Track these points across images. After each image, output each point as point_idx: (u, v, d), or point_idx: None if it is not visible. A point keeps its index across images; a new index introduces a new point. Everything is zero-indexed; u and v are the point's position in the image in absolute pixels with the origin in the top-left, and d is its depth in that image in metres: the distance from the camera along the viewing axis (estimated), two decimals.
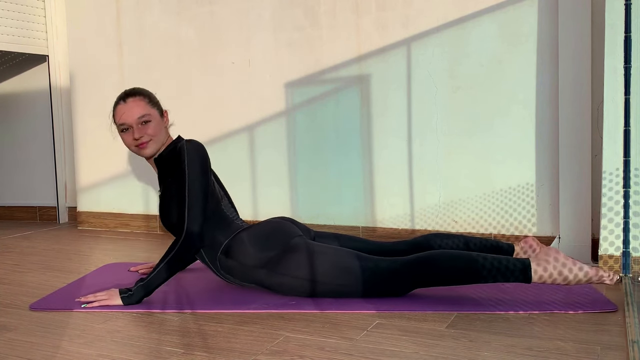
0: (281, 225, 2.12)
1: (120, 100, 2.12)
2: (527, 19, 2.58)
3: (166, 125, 2.16)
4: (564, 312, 1.81)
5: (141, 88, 2.17)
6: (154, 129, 2.08)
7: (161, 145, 2.12)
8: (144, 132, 2.07)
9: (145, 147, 2.08)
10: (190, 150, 2.06)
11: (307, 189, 3.11)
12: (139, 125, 2.07)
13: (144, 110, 2.08)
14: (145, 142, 2.08)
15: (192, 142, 2.09)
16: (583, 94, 2.44)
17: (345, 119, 2.98)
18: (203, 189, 2.04)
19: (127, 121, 2.07)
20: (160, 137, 2.11)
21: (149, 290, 2.00)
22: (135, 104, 2.08)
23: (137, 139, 2.07)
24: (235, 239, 2.08)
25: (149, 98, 2.13)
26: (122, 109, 2.09)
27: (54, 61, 3.91)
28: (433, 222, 2.84)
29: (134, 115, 2.07)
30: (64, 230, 3.71)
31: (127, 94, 2.13)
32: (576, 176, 2.47)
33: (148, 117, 2.08)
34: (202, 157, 2.07)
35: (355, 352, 1.56)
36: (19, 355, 1.62)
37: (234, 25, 3.23)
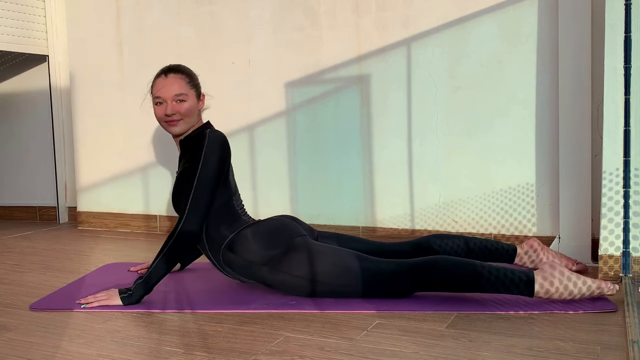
0: (285, 223, 2.12)
1: (161, 74, 2.14)
2: (527, 19, 2.58)
3: (200, 109, 2.16)
4: (564, 312, 1.81)
5: (185, 66, 2.18)
6: (187, 109, 2.09)
7: (190, 127, 2.13)
8: (176, 109, 2.08)
9: (175, 124, 2.10)
10: (211, 141, 2.06)
11: (307, 189, 3.11)
12: (174, 102, 2.08)
13: (181, 89, 2.09)
14: (175, 120, 2.09)
15: (215, 134, 2.09)
16: (583, 94, 2.44)
17: (345, 119, 2.98)
18: (212, 183, 2.04)
19: (163, 95, 2.09)
20: (192, 119, 2.12)
21: (148, 287, 2.00)
22: (174, 81, 2.10)
23: (168, 115, 2.08)
24: (239, 234, 2.08)
25: (190, 78, 2.14)
26: (161, 83, 2.11)
27: (54, 61, 3.91)
28: (433, 222, 2.84)
29: (171, 91, 2.08)
30: (64, 230, 3.71)
31: (170, 68, 2.14)
32: (576, 176, 2.47)
33: (184, 96, 2.09)
34: (222, 151, 2.07)
35: (355, 352, 1.56)
36: (19, 355, 1.62)
37: (234, 25, 3.23)
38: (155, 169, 3.49)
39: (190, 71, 2.19)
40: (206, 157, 2.04)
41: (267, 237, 2.06)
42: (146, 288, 2.00)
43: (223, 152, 2.08)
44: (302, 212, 3.10)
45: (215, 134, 2.09)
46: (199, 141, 2.08)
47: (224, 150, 2.09)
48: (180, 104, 2.09)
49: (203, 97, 2.19)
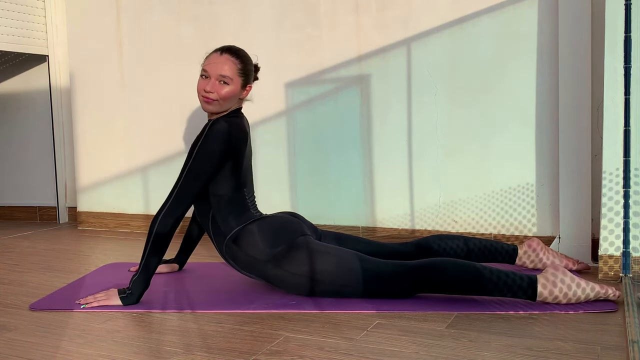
0: (290, 221, 2.12)
1: (218, 50, 2.13)
2: (527, 19, 2.58)
3: (242, 97, 2.15)
4: (564, 312, 1.81)
5: (245, 53, 2.15)
6: (226, 93, 2.07)
7: (223, 110, 2.11)
8: (216, 89, 2.06)
9: (209, 102, 2.07)
10: (209, 133, 2.01)
11: (307, 189, 3.11)
12: (217, 81, 2.06)
13: (229, 72, 2.07)
14: (211, 98, 2.07)
15: (217, 127, 2.02)
16: (583, 94, 2.44)
17: (345, 119, 2.98)
18: (202, 178, 2.01)
19: (210, 71, 2.08)
20: (227, 104, 2.10)
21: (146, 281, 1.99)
22: (226, 61, 2.08)
23: (207, 91, 2.07)
24: (245, 229, 2.07)
25: (244, 65, 2.11)
26: (214, 59, 2.10)
27: (54, 61, 3.91)
28: (433, 222, 2.84)
29: (218, 70, 2.07)
30: (64, 230, 3.71)
31: (229, 48, 2.13)
32: (576, 176, 2.47)
33: (229, 80, 2.07)
34: (219, 144, 2.00)
35: (355, 352, 1.56)
36: (19, 355, 1.62)
37: (234, 25, 3.23)
38: (155, 169, 3.49)
39: (247, 59, 2.14)
40: (200, 148, 2.01)
41: (271, 234, 2.06)
42: (144, 282, 2.00)
43: (222, 145, 2.01)
44: (302, 212, 3.09)
45: (217, 127, 2.01)
46: (206, 127, 2.05)
47: (224, 142, 2.01)
48: (222, 86, 2.06)
49: (249, 88, 2.15)
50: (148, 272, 1.99)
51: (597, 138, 2.44)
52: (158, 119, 3.47)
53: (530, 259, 2.26)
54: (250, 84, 2.16)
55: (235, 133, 2.06)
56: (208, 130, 2.02)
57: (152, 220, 2.00)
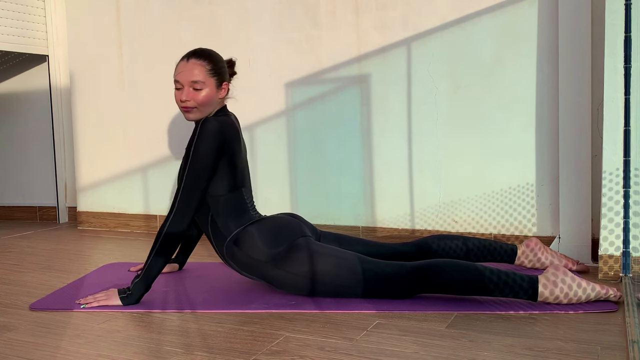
0: (290, 222, 2.12)
1: (184, 57, 2.09)
2: (527, 19, 2.58)
3: (221, 97, 2.12)
4: (564, 312, 1.81)
5: (211, 51, 2.12)
6: (203, 98, 2.05)
7: (207, 115, 2.09)
8: (191, 97, 2.04)
9: (188, 111, 2.06)
10: (201, 132, 2.00)
11: (307, 189, 3.11)
12: (190, 89, 2.04)
13: (199, 77, 2.04)
14: (189, 107, 2.05)
15: (208, 125, 2.01)
16: (583, 94, 2.44)
17: (345, 119, 2.98)
18: (202, 175, 2.00)
19: (181, 80, 2.06)
20: (207, 108, 2.08)
21: (147, 285, 2.00)
22: (194, 67, 2.05)
23: (183, 100, 2.05)
24: (245, 230, 2.07)
25: (213, 65, 2.08)
26: (181, 67, 2.07)
27: (54, 61, 3.91)
28: (433, 222, 2.84)
29: (188, 77, 2.04)
30: (64, 230, 3.71)
31: (194, 52, 2.09)
32: (576, 176, 2.47)
33: (201, 85, 2.04)
34: (214, 140, 1.99)
35: (355, 352, 1.56)
36: (19, 355, 1.62)
37: (234, 25, 3.23)
38: (155, 168, 3.49)
39: (215, 58, 2.10)
40: (195, 149, 1.99)
41: (271, 236, 2.06)
42: (145, 286, 2.00)
43: (215, 141, 2.00)
44: (302, 212, 3.10)
45: (207, 126, 2.00)
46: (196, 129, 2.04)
47: (217, 139, 2.00)
48: (197, 92, 2.04)
49: (226, 85, 2.13)
50: (150, 276, 1.99)
51: (597, 138, 2.44)
52: (158, 119, 3.47)
53: (529, 259, 2.26)
54: (226, 82, 2.13)
55: (226, 130, 2.05)
56: (200, 131, 2.00)
57: (161, 226, 2.00)
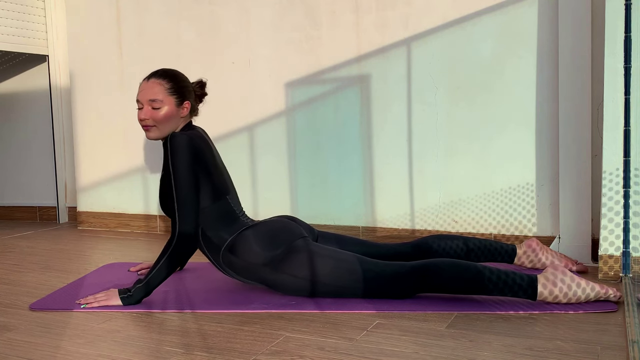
0: (286, 224, 2.12)
1: (146, 77, 2.11)
2: (527, 19, 2.58)
3: (182, 116, 2.11)
4: (564, 312, 1.81)
5: (174, 71, 2.13)
6: (161, 117, 2.06)
7: (168, 134, 2.08)
8: (150, 115, 2.05)
9: (147, 130, 2.08)
10: (172, 146, 2.00)
11: (307, 189, 3.11)
12: (149, 107, 2.06)
13: (157, 95, 2.05)
14: (148, 125, 2.07)
15: (176, 138, 2.01)
16: (583, 94, 2.44)
17: (345, 119, 2.98)
18: (190, 185, 2.00)
19: (140, 99, 2.08)
20: (167, 127, 2.08)
21: (148, 290, 2.01)
22: (153, 86, 2.07)
23: (141, 119, 2.06)
24: (240, 236, 2.07)
25: (173, 84, 2.08)
26: (141, 86, 2.09)
27: (54, 61, 3.91)
28: (433, 222, 2.84)
29: (147, 96, 2.06)
30: (64, 230, 3.71)
31: (156, 72, 2.11)
32: (576, 176, 2.47)
33: (159, 103, 2.05)
34: (186, 153, 2.00)
35: (355, 352, 1.56)
36: (19, 355, 1.62)
37: (234, 25, 3.23)
38: (155, 168, 3.49)
39: (176, 77, 2.11)
40: (173, 163, 2.00)
41: (268, 239, 2.06)
42: (146, 291, 2.01)
43: (188, 153, 2.00)
44: (302, 212, 3.10)
45: (176, 138, 2.01)
46: (166, 148, 2.05)
47: (189, 151, 2.00)
48: (155, 111, 2.05)
49: (187, 104, 2.11)
50: (152, 285, 2.00)
51: (597, 138, 2.44)
52: None
53: (530, 259, 2.26)
54: (188, 101, 2.12)
55: (195, 141, 2.05)
56: (170, 147, 2.00)
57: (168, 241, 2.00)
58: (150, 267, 2.01)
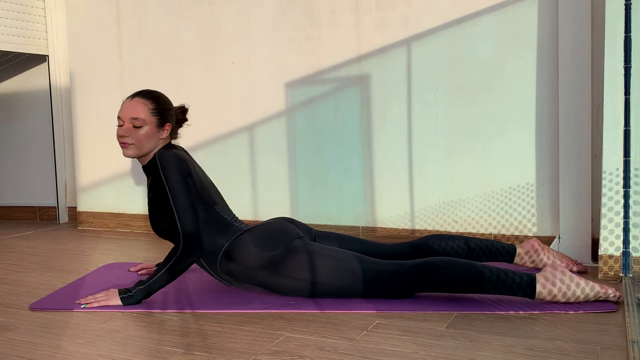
0: (283, 226, 2.12)
1: (130, 96, 2.13)
2: (527, 19, 2.58)
3: (162, 138, 2.12)
4: (564, 312, 1.81)
5: (158, 93, 2.14)
6: (141, 136, 2.06)
7: (144, 154, 2.10)
8: (130, 133, 2.06)
9: (125, 147, 2.08)
10: (163, 162, 2.03)
11: (307, 189, 3.11)
12: (130, 125, 2.06)
13: (139, 114, 2.06)
14: (127, 143, 2.07)
15: (163, 154, 2.05)
16: (583, 94, 2.44)
17: (345, 119, 2.98)
18: (188, 197, 2.03)
19: (122, 116, 2.08)
20: (145, 146, 2.08)
21: (148, 293, 2.01)
22: (136, 104, 2.08)
23: (121, 135, 2.07)
24: (236, 241, 2.07)
25: (156, 105, 2.10)
26: (125, 105, 2.10)
27: (54, 61, 3.91)
28: (433, 222, 2.84)
29: (130, 114, 2.07)
30: (64, 230, 3.71)
31: (140, 92, 2.13)
32: (576, 176, 2.47)
33: (141, 122, 2.06)
34: (177, 166, 2.03)
35: (355, 352, 1.56)
36: (19, 355, 1.62)
37: (234, 25, 3.23)
38: None
39: (160, 99, 2.12)
40: (167, 177, 2.02)
41: (265, 241, 2.06)
42: (146, 293, 2.01)
43: (179, 167, 2.03)
44: (302, 212, 3.10)
45: (164, 154, 2.04)
46: (155, 167, 2.06)
47: (179, 165, 2.04)
48: (136, 130, 2.06)
49: (168, 127, 2.12)
50: (152, 289, 2.01)
51: (597, 138, 2.44)
52: None
53: (532, 258, 2.26)
54: (169, 123, 2.12)
55: (180, 154, 2.08)
56: (160, 163, 2.03)
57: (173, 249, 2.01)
58: (154, 272, 2.01)
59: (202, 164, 3.36)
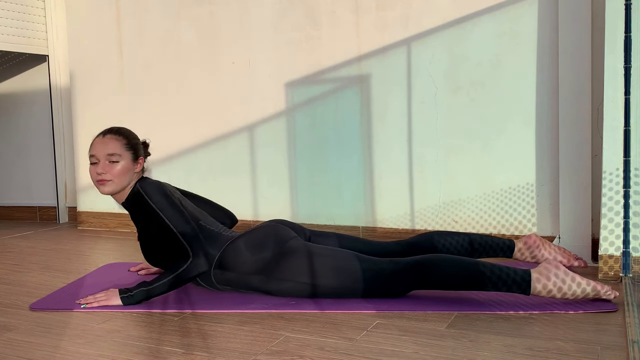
0: (274, 228, 2.11)
1: (99, 134, 2.13)
2: (527, 19, 2.58)
3: (136, 171, 2.13)
4: (564, 312, 1.81)
5: (126, 129, 2.17)
6: (118, 172, 2.07)
7: (122, 189, 2.11)
8: (107, 170, 2.06)
9: (103, 184, 2.07)
10: (147, 192, 2.05)
11: (307, 189, 3.11)
12: (106, 162, 2.06)
13: (115, 149, 2.07)
14: (105, 180, 2.06)
15: (144, 186, 2.07)
16: (583, 94, 2.44)
17: (345, 119, 2.98)
18: (182, 216, 2.04)
19: (97, 154, 2.07)
20: (123, 181, 2.09)
21: (149, 296, 2.01)
22: (110, 141, 2.09)
23: (99, 173, 2.06)
24: (227, 249, 2.07)
25: (128, 140, 2.11)
26: (97, 142, 2.10)
27: (54, 61, 3.91)
28: (433, 222, 2.84)
29: (105, 150, 2.07)
30: (64, 230, 3.71)
31: (109, 129, 2.14)
32: (576, 176, 2.47)
33: (117, 157, 2.06)
34: (161, 191, 2.06)
35: (355, 352, 1.56)
36: (19, 355, 1.62)
37: (234, 25, 3.23)
38: (155, 168, 3.49)
39: (130, 134, 2.15)
40: (158, 204, 2.03)
41: (257, 245, 2.05)
42: (146, 296, 2.01)
43: (163, 191, 2.06)
44: (302, 212, 3.10)
45: (145, 185, 2.07)
46: (139, 199, 2.07)
47: (163, 190, 2.07)
48: (113, 165, 2.06)
49: (141, 160, 2.14)
50: (153, 294, 2.01)
51: (597, 138, 2.44)
52: (157, 119, 3.47)
53: (533, 253, 2.26)
54: (141, 157, 2.15)
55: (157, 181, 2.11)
56: (146, 193, 2.05)
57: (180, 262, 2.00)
58: (158, 276, 2.01)
59: (202, 164, 3.37)
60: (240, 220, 3.26)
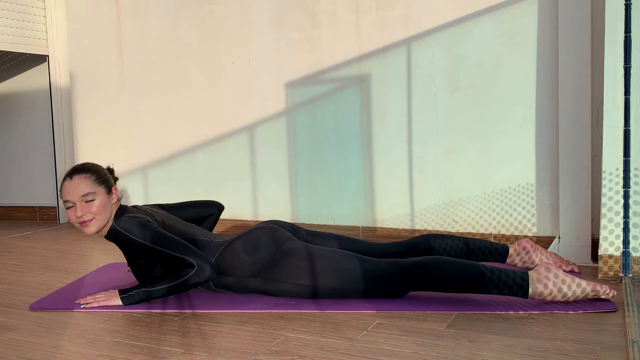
0: (270, 230, 2.10)
1: (66, 177, 2.08)
2: (527, 19, 2.58)
3: (113, 202, 2.11)
4: (564, 312, 1.81)
5: (91, 164, 2.13)
6: (97, 208, 2.04)
7: (105, 224, 2.08)
8: (86, 210, 2.03)
9: (87, 225, 2.04)
10: (126, 228, 2.02)
11: (307, 189, 3.11)
12: (82, 203, 2.03)
13: (88, 189, 2.03)
14: (87, 220, 2.03)
15: (121, 220, 2.04)
16: (583, 94, 2.44)
17: (345, 119, 2.98)
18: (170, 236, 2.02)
19: (71, 199, 2.03)
20: (104, 215, 2.06)
21: (149, 298, 2.01)
22: (80, 182, 2.04)
23: (79, 216, 2.03)
24: (222, 254, 2.07)
25: (97, 175, 2.08)
26: (67, 187, 2.05)
27: (54, 61, 3.91)
28: (433, 222, 2.84)
29: (78, 192, 2.03)
30: (64, 230, 3.71)
31: (74, 169, 2.09)
32: (576, 176, 2.47)
33: (92, 195, 2.03)
34: (139, 223, 2.03)
35: (355, 352, 1.56)
36: (19, 355, 1.62)
37: (234, 25, 3.23)
38: (155, 168, 3.49)
39: (96, 168, 2.12)
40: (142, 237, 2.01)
41: (253, 248, 2.05)
42: (146, 297, 2.01)
43: (141, 224, 2.03)
44: (302, 212, 3.10)
45: (122, 221, 2.03)
46: (120, 236, 2.05)
47: (140, 222, 2.03)
48: (90, 204, 2.03)
49: (115, 190, 2.12)
50: (152, 296, 2.01)
51: (597, 138, 2.44)
52: (157, 119, 3.47)
53: (522, 259, 2.26)
54: (114, 187, 2.13)
55: (133, 214, 2.08)
56: (125, 231, 2.02)
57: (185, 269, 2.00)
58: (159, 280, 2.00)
59: (202, 164, 3.37)
60: (240, 220, 3.27)
